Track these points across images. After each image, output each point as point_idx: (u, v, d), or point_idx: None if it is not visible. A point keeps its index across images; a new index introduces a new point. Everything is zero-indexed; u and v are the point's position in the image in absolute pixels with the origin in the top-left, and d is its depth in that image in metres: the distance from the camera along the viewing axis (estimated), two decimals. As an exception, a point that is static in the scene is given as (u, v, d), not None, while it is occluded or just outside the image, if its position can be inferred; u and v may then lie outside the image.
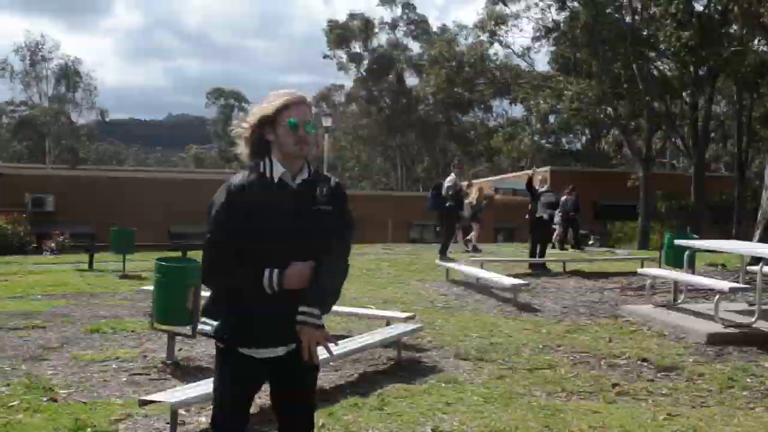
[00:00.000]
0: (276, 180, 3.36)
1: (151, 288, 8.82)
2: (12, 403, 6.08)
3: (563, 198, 21.95)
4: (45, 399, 6.26)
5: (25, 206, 33.03)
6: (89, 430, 5.49)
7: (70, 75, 64.18)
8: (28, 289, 13.10)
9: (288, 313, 3.26)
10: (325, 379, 7.12)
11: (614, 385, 7.16)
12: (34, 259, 20.60)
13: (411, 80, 70.57)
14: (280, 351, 3.38)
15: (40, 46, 62.88)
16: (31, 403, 6.10)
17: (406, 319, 8.77)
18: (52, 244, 25.43)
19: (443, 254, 16.08)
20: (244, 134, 3.48)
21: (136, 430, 5.57)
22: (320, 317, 3.31)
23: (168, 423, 5.49)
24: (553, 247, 21.53)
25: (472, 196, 22.13)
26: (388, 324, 8.76)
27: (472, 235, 21.80)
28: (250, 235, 3.27)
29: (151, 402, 5.51)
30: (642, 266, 15.55)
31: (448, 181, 15.88)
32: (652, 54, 37.21)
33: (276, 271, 3.22)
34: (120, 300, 12.10)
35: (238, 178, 3.39)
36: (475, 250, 20.45)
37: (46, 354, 8.05)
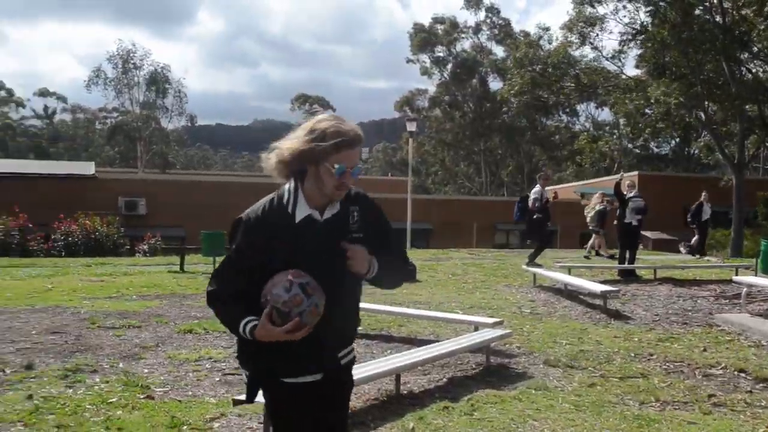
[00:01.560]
0: (297, 221, 3.04)
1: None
2: (111, 400, 6.26)
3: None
4: (142, 396, 6.43)
5: (119, 209, 33.92)
6: (185, 427, 5.62)
7: (159, 81, 65.70)
8: (123, 290, 13.47)
9: (323, 339, 3.05)
10: (414, 383, 7.14)
11: (710, 396, 6.98)
12: (128, 260, 21.16)
13: (494, 84, 70.24)
14: (320, 376, 3.17)
15: (131, 54, 64.52)
16: (129, 400, 6.27)
17: (494, 325, 8.73)
18: (145, 247, 26.09)
19: (531, 259, 15.93)
20: (282, 157, 3.10)
21: (231, 429, 5.66)
22: (374, 269, 3.07)
23: (261, 423, 5.58)
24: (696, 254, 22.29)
25: (592, 204, 22.78)
26: (476, 329, 8.74)
27: (594, 242, 22.07)
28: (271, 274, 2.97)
29: (245, 402, 5.60)
30: (737, 274, 15.17)
31: (534, 193, 15.71)
32: (745, 55, 36.17)
33: (250, 325, 2.98)
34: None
35: (259, 211, 3.10)
36: (612, 257, 20.44)
37: (142, 353, 8.27)
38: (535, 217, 15.55)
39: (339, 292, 3.03)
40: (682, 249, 27.67)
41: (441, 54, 70.53)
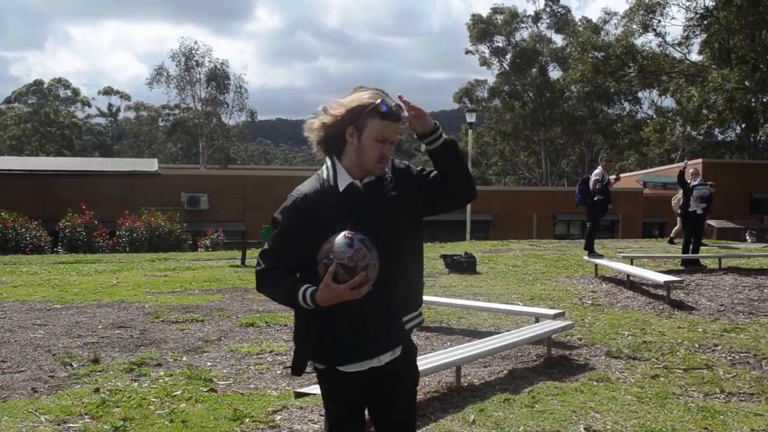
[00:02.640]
0: (341, 189, 3.07)
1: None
2: (175, 393, 6.37)
3: None
4: (205, 389, 6.53)
5: (181, 205, 34.44)
6: (248, 420, 5.68)
7: (219, 77, 66.45)
8: (186, 285, 13.68)
9: (387, 319, 3.08)
10: (475, 375, 7.13)
11: (777, 387, 6.84)
12: (191, 255, 21.48)
13: (554, 74, 69.57)
14: (385, 359, 3.13)
15: (193, 52, 65.40)
16: (193, 393, 6.37)
17: (555, 316, 8.65)
18: (207, 242, 26.46)
19: (590, 249, 15.74)
20: (324, 120, 3.12)
21: (292, 421, 5.72)
22: (440, 128, 3.11)
23: (322, 415, 5.61)
24: None
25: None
26: (536, 321, 8.69)
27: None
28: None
29: (307, 395, 5.66)
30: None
31: (595, 174, 15.50)
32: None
33: (310, 290, 2.92)
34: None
35: (305, 187, 3.14)
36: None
37: (205, 346, 8.39)
38: (596, 198, 15.36)
39: (392, 254, 3.02)
40: (748, 237, 27.19)
41: (500, 44, 70.08)
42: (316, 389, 5.46)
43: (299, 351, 3.18)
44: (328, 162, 3.13)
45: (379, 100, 3.03)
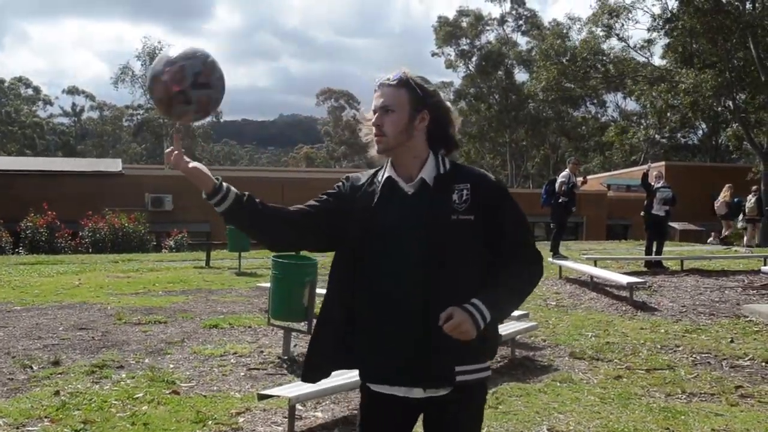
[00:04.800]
0: (380, 183, 2.80)
1: (267, 285, 9.03)
2: (137, 395, 6.30)
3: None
4: (168, 392, 6.47)
5: (145, 206, 34.14)
6: (210, 422, 5.64)
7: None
8: (149, 286, 13.56)
9: (411, 350, 2.64)
10: (439, 377, 7.12)
11: (738, 387, 6.92)
12: (155, 256, 21.30)
13: (520, 76, 69.94)
14: (417, 393, 2.70)
15: (157, 51, 64.90)
16: (155, 396, 6.31)
17: (519, 318, 8.69)
18: (171, 243, 26.25)
19: (555, 251, 15.84)
20: None
21: (255, 423, 5.68)
22: (485, 318, 2.56)
23: (286, 417, 5.60)
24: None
25: (723, 195, 24.09)
26: (501, 322, 8.70)
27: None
28: (349, 244, 2.77)
29: (270, 396, 5.63)
30: (765, 264, 15.02)
31: (562, 176, 15.63)
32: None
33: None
34: (236, 296, 12.38)
35: (356, 173, 2.95)
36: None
37: (168, 348, 8.32)
38: (560, 200, 15.47)
39: (428, 282, 2.62)
40: (710, 240, 27.68)
41: (466, 47, 70.28)
42: (279, 391, 5.44)
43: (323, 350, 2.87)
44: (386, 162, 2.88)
45: None
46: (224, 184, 2.82)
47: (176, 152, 2.81)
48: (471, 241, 2.67)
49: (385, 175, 2.78)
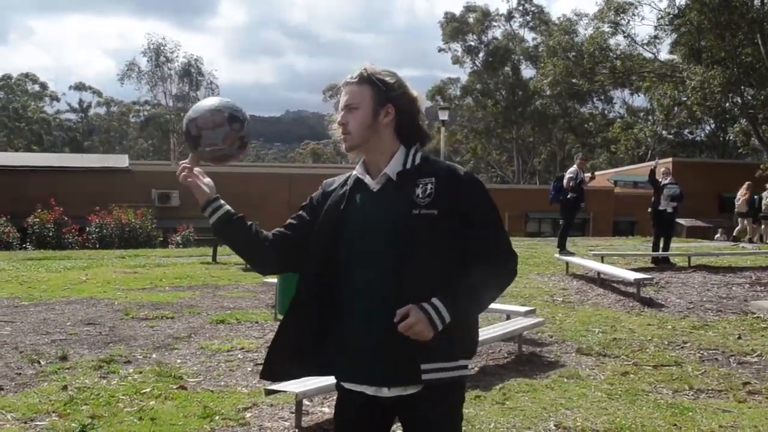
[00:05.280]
0: (350, 184, 2.79)
1: (274, 280, 9.03)
2: (144, 390, 6.31)
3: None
4: (175, 387, 6.48)
5: (152, 201, 34.19)
6: (217, 417, 5.65)
7: (192, 73, 66.07)
8: (156, 281, 13.59)
9: (377, 347, 2.59)
10: (446, 373, 7.11)
11: (745, 384, 6.90)
12: (161, 252, 21.34)
13: (527, 72, 69.86)
14: (385, 392, 2.64)
15: (162, 48, 64.96)
16: (162, 391, 6.32)
17: (526, 313, 8.69)
18: (178, 238, 26.28)
19: (562, 247, 15.83)
20: None
21: (262, 418, 5.69)
22: (443, 318, 2.49)
23: (293, 412, 5.60)
24: None
25: (743, 193, 24.27)
26: (507, 318, 8.71)
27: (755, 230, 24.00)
28: (318, 239, 2.75)
29: (277, 391, 5.63)
30: (773, 260, 14.99)
31: (570, 172, 15.63)
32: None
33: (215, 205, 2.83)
34: (243, 292, 12.40)
35: (334, 177, 2.94)
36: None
37: (175, 343, 8.33)
38: (569, 196, 15.46)
39: (395, 279, 2.56)
40: (717, 236, 27.75)
41: (473, 43, 70.20)
42: (286, 386, 5.44)
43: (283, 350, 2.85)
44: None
45: None
46: (221, 199, 2.86)
47: (187, 167, 2.86)
48: (436, 235, 2.59)
49: (355, 175, 2.78)
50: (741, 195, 24.21)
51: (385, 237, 2.60)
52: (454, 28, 68.54)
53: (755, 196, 23.95)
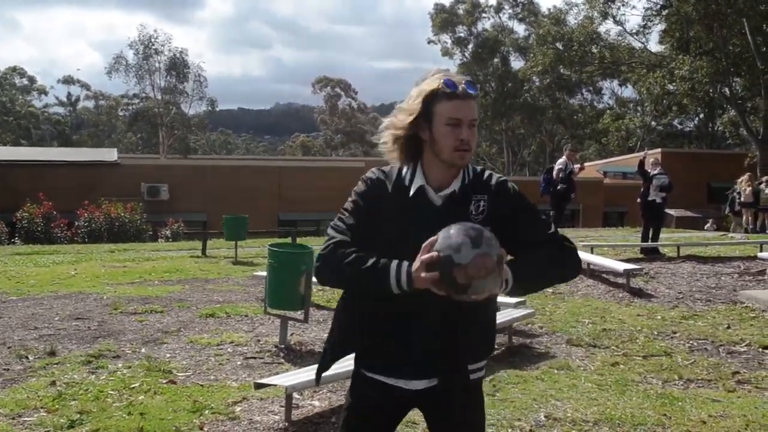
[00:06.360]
0: (411, 193, 2.67)
1: (263, 274, 9.01)
2: (133, 385, 6.29)
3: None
4: (164, 381, 6.46)
5: (141, 195, 34.09)
6: (207, 412, 5.63)
7: (179, 66, 65.72)
8: (146, 276, 13.53)
9: (429, 337, 2.61)
10: (436, 365, 7.11)
11: (734, 374, 6.92)
12: (151, 246, 21.27)
13: (516, 64, 69.89)
14: (419, 384, 2.69)
15: (152, 40, 64.57)
16: (152, 385, 6.29)
17: (516, 305, 8.68)
18: (167, 232, 26.23)
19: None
20: (396, 129, 2.72)
21: (252, 412, 5.67)
22: (508, 281, 2.50)
23: (283, 406, 5.59)
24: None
25: (747, 183, 24.61)
26: (498, 309, 8.69)
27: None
28: (377, 250, 2.60)
29: (267, 385, 5.62)
30: (761, 250, 15.03)
31: (559, 163, 15.66)
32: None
33: (407, 263, 2.48)
34: (233, 285, 12.37)
35: (376, 172, 2.77)
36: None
37: (164, 337, 8.30)
38: (558, 187, 15.48)
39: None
40: (707, 226, 27.88)
41: (462, 34, 70.16)
42: (275, 380, 5.44)
43: (330, 351, 2.86)
44: (413, 164, 2.72)
45: (440, 81, 2.64)
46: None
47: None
48: None
49: (417, 184, 2.67)
50: (745, 186, 24.35)
51: None
52: (444, 19, 68.48)
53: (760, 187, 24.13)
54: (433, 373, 2.66)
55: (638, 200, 16.47)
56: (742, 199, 24.71)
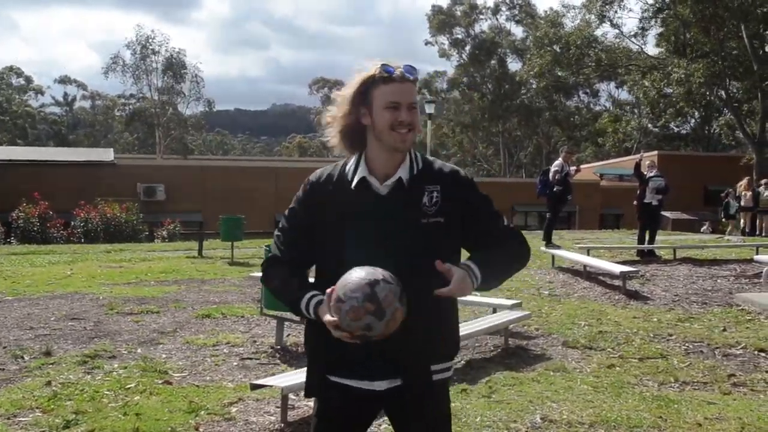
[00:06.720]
0: (353, 186, 2.64)
1: (259, 275, 8.99)
2: (129, 385, 6.28)
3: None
4: (160, 382, 6.45)
5: (138, 195, 34.08)
6: (203, 412, 5.62)
7: (176, 67, 65.64)
8: (142, 276, 13.53)
9: (395, 355, 2.58)
10: (432, 366, 7.11)
11: (730, 376, 6.92)
12: (147, 246, 21.26)
13: (513, 65, 69.93)
14: (379, 386, 2.66)
15: (150, 40, 64.47)
16: (147, 386, 6.29)
17: (513, 307, 8.69)
18: (163, 232, 26.21)
19: (548, 240, 15.86)
20: (330, 119, 2.73)
21: (248, 413, 5.67)
22: (476, 278, 2.52)
23: (278, 407, 5.58)
24: None
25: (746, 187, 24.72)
26: (494, 311, 8.71)
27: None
28: (327, 246, 2.65)
29: (263, 386, 5.61)
30: (757, 253, 15.04)
31: (555, 165, 15.65)
32: (768, 33, 35.86)
33: (315, 300, 2.55)
34: (229, 286, 12.37)
35: (322, 173, 2.75)
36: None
37: (160, 338, 8.29)
38: (555, 189, 15.48)
39: (404, 282, 2.46)
40: (704, 229, 27.92)
41: (459, 36, 70.20)
42: (271, 381, 5.43)
43: (311, 363, 2.81)
44: (356, 157, 2.70)
45: (379, 66, 2.60)
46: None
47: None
48: (441, 241, 2.61)
49: (360, 176, 2.64)
50: (745, 190, 24.40)
51: (393, 243, 2.55)
52: (441, 20, 68.49)
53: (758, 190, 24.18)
54: (395, 374, 2.63)
55: (635, 202, 16.49)
56: (742, 203, 24.72)
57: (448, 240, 2.64)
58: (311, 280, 2.72)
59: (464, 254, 2.72)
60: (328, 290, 2.45)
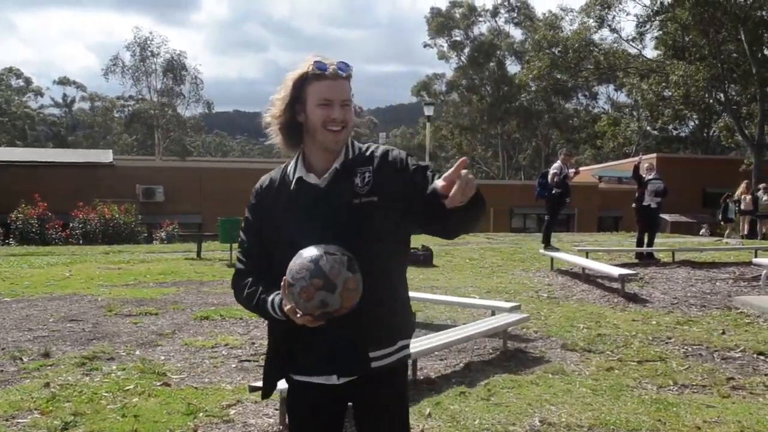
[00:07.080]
0: (293, 186, 2.69)
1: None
2: (127, 387, 6.28)
3: None
4: (158, 383, 6.44)
5: (136, 197, 34.06)
6: (201, 414, 5.62)
7: (176, 68, 65.67)
8: (140, 278, 13.52)
9: (338, 344, 2.62)
10: (431, 369, 7.12)
11: (729, 379, 6.91)
12: (146, 248, 21.25)
13: (512, 68, 69.94)
14: (336, 380, 2.70)
15: (149, 42, 64.50)
16: (146, 387, 6.28)
17: (511, 309, 8.68)
18: (162, 234, 26.20)
19: (547, 242, 15.86)
20: (269, 119, 2.75)
21: (246, 415, 5.66)
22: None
23: (277, 409, 5.58)
24: None
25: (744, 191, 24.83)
26: (493, 314, 8.70)
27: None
28: (279, 249, 2.65)
29: (261, 388, 5.60)
30: (756, 256, 15.05)
31: (554, 167, 15.66)
32: (767, 36, 35.85)
33: (279, 296, 2.55)
34: (227, 288, 12.30)
35: (265, 179, 2.83)
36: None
37: (159, 340, 8.29)
38: (554, 191, 15.49)
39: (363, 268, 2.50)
40: (702, 232, 27.96)
41: (458, 38, 70.21)
42: (270, 383, 5.39)
43: (268, 366, 2.86)
44: (296, 157, 2.76)
45: (312, 63, 2.61)
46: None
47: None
48: (380, 220, 2.60)
49: (297, 176, 2.69)
50: (742, 193, 24.45)
51: (332, 230, 2.56)
52: (440, 23, 68.50)
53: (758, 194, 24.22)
54: (341, 366, 2.66)
55: (633, 205, 16.49)
56: (742, 207, 24.74)
57: (388, 221, 2.62)
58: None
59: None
60: (282, 282, 2.49)
